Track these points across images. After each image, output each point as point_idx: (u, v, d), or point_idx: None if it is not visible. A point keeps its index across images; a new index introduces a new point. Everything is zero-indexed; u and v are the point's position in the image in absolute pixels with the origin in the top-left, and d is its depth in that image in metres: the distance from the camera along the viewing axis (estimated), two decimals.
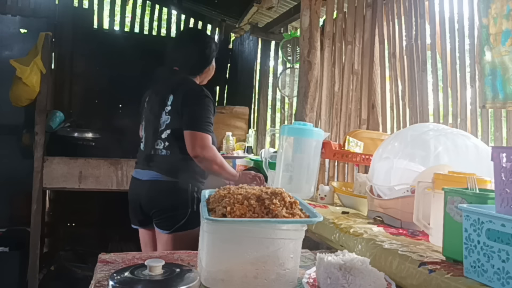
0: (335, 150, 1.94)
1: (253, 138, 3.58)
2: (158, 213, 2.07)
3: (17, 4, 3.70)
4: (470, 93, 1.84)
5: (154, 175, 2.06)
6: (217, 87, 5.32)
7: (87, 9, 4.71)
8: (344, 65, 2.67)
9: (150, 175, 2.07)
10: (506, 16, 1.59)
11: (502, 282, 0.79)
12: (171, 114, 2.05)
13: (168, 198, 2.03)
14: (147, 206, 2.09)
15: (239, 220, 0.94)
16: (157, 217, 2.09)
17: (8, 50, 3.86)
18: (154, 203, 2.06)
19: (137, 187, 2.11)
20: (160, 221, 2.08)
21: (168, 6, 5.15)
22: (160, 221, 2.08)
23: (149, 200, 2.06)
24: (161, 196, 2.04)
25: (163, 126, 2.07)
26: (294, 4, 3.35)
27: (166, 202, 2.04)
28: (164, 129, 2.06)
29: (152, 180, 2.06)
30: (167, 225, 2.05)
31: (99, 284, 0.99)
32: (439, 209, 1.04)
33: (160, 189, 2.04)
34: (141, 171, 2.11)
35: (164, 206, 2.05)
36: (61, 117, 3.49)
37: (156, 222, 2.10)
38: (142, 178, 2.09)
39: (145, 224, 2.17)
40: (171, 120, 2.06)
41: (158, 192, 2.05)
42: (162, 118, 2.07)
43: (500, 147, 1.12)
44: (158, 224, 2.09)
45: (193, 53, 2.22)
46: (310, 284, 0.97)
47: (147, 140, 2.10)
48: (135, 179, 2.14)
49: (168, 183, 2.04)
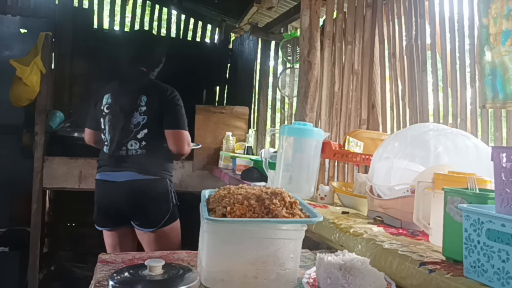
0: (335, 150, 1.94)
1: (253, 138, 3.58)
2: (140, 213, 2.11)
3: (17, 4, 3.70)
4: (470, 93, 1.83)
5: (132, 175, 2.09)
6: (217, 87, 5.32)
7: (87, 9, 4.71)
8: (344, 65, 2.67)
9: (127, 176, 2.09)
10: (506, 16, 1.59)
11: (502, 282, 0.79)
12: (148, 114, 2.10)
13: (150, 196, 2.09)
14: (127, 207, 2.10)
15: (239, 220, 0.94)
16: (138, 217, 2.12)
17: (8, 50, 3.87)
18: (136, 203, 2.09)
19: (112, 190, 2.11)
20: (143, 220, 2.12)
21: (168, 6, 5.15)
22: (143, 220, 2.12)
23: (130, 201, 2.08)
24: (143, 195, 2.08)
25: (139, 126, 2.10)
26: (294, 4, 3.35)
27: (149, 201, 2.09)
28: (140, 129, 2.10)
29: (131, 181, 2.08)
30: (151, 223, 2.11)
31: (99, 284, 0.99)
32: (439, 209, 1.04)
33: (141, 188, 2.08)
34: (114, 173, 2.11)
35: (147, 205, 2.09)
36: (61, 117, 3.49)
37: (138, 222, 2.13)
38: (117, 180, 2.10)
39: (117, 226, 2.19)
40: (147, 120, 2.10)
41: (139, 191, 2.08)
42: (136, 119, 2.09)
43: (500, 147, 1.12)
44: (140, 224, 2.13)
45: (160, 54, 2.32)
46: (310, 284, 0.97)
47: (117, 141, 2.10)
48: (106, 182, 2.14)
49: (149, 181, 2.10)
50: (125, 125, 2.09)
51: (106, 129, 2.16)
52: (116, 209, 2.13)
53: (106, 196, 2.14)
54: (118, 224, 2.19)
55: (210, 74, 5.07)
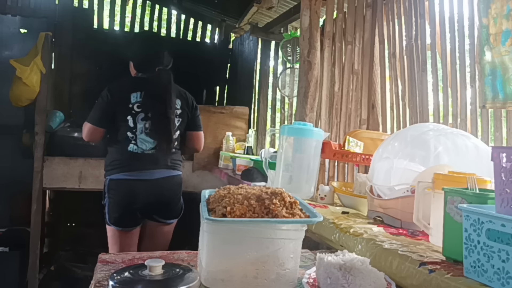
0: (335, 150, 1.94)
1: (253, 138, 3.57)
2: (171, 205, 2.30)
3: (17, 4, 3.69)
4: (470, 93, 1.83)
5: (167, 172, 2.27)
6: (217, 87, 5.32)
7: (87, 9, 4.70)
8: (344, 65, 2.67)
9: (162, 173, 2.25)
10: (506, 16, 1.59)
11: (502, 282, 0.79)
12: (182, 117, 2.31)
13: (179, 189, 2.35)
14: (161, 203, 2.25)
15: (239, 220, 0.94)
16: (167, 210, 2.30)
17: (8, 50, 3.86)
18: (170, 198, 2.29)
19: (146, 187, 2.20)
20: (171, 212, 2.32)
21: (168, 6, 5.15)
22: (171, 212, 2.32)
23: (163, 196, 2.25)
24: (175, 189, 2.31)
25: (174, 127, 2.25)
26: (294, 4, 3.35)
27: (178, 194, 2.34)
28: (176, 129, 2.27)
29: (166, 177, 2.26)
30: (177, 213, 2.34)
31: (99, 284, 0.99)
32: (439, 209, 1.04)
33: (173, 183, 2.30)
34: (149, 172, 2.21)
35: (177, 197, 2.34)
36: (61, 117, 3.48)
37: (166, 215, 2.30)
38: (152, 178, 2.21)
39: (137, 224, 2.28)
40: (181, 122, 2.31)
41: (171, 186, 2.29)
42: (173, 121, 2.23)
43: (500, 147, 1.12)
44: (168, 216, 2.31)
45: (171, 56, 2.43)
46: (310, 284, 0.97)
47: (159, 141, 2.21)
48: (138, 181, 2.20)
49: (177, 177, 2.34)
50: (167, 126, 2.20)
51: (137, 128, 2.19)
52: (146, 206, 2.22)
53: (138, 195, 2.20)
54: (139, 222, 2.27)
55: (210, 74, 5.07)
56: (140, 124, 2.18)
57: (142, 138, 2.19)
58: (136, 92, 2.19)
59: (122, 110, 2.18)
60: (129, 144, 2.19)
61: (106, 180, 2.23)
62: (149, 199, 2.20)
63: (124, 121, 2.17)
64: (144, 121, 2.19)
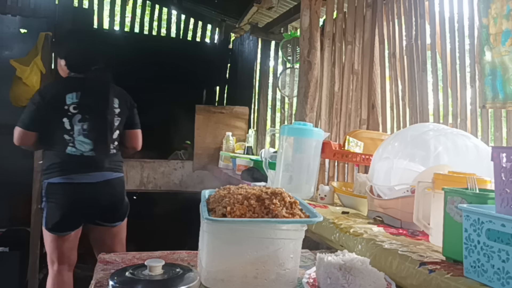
0: (335, 150, 1.94)
1: (253, 138, 3.58)
2: (114, 208, 2.27)
3: (17, 4, 3.69)
4: (470, 93, 1.83)
5: (110, 175, 2.22)
6: (217, 87, 5.33)
7: (87, 9, 4.71)
8: (344, 65, 2.67)
9: (106, 176, 2.21)
10: (506, 16, 1.59)
11: (502, 282, 0.79)
12: (120, 116, 2.27)
13: (122, 191, 2.30)
14: (103, 205, 2.21)
15: (239, 220, 0.94)
16: (111, 213, 2.27)
17: (8, 50, 3.86)
18: (112, 201, 2.25)
19: (89, 191, 2.15)
20: (116, 215, 2.28)
21: (168, 6, 5.15)
22: (116, 215, 2.28)
23: (108, 199, 2.22)
24: (119, 191, 2.28)
25: (113, 127, 2.23)
26: (294, 4, 3.35)
27: (121, 196, 2.30)
28: (115, 129, 2.24)
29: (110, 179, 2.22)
30: (122, 216, 2.32)
31: (99, 284, 0.99)
32: (439, 209, 1.04)
33: (116, 185, 2.26)
34: (92, 175, 2.16)
35: (120, 200, 2.30)
36: None
37: (111, 218, 2.27)
38: (96, 180, 2.17)
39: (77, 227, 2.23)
40: (120, 122, 2.27)
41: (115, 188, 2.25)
42: (111, 120, 2.21)
43: (500, 147, 1.12)
44: (113, 219, 2.28)
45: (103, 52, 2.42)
46: (310, 284, 0.97)
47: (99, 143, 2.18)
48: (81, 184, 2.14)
49: (121, 179, 2.30)
50: (104, 126, 2.18)
51: (75, 130, 2.13)
52: (88, 210, 2.20)
53: (79, 199, 2.15)
54: (79, 225, 2.23)
55: (210, 74, 5.07)
56: (77, 126, 2.12)
57: (80, 140, 2.13)
58: (72, 93, 2.13)
59: (57, 113, 2.11)
60: (67, 147, 2.13)
61: (44, 183, 2.16)
62: (91, 203, 2.15)
63: (60, 123, 2.11)
64: (82, 123, 2.13)
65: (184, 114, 3.88)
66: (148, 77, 4.46)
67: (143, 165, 3.62)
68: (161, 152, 4.05)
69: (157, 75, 4.52)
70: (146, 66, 4.50)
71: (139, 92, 4.49)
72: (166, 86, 4.58)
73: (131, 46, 4.66)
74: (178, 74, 4.64)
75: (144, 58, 4.50)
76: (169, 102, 4.47)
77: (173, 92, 4.53)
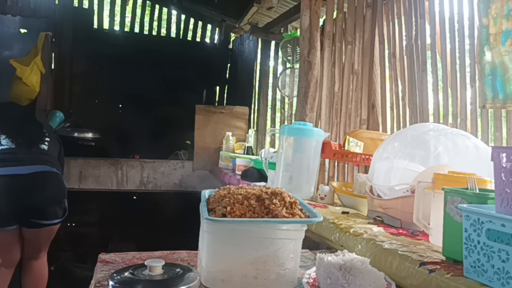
0: (335, 150, 1.94)
1: (253, 138, 3.58)
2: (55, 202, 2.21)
3: (17, 4, 3.70)
4: (470, 93, 1.83)
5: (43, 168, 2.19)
6: (217, 87, 5.33)
7: (87, 9, 4.71)
8: (344, 65, 2.67)
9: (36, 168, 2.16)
10: (506, 16, 1.59)
11: (502, 282, 0.79)
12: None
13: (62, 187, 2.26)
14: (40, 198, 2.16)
15: (239, 220, 0.94)
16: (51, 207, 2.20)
17: (8, 50, 3.86)
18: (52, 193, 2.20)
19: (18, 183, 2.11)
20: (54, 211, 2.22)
21: (168, 6, 5.15)
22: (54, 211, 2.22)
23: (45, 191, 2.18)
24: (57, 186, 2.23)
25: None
26: (294, 4, 3.35)
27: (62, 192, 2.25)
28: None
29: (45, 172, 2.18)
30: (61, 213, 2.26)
31: (99, 284, 0.99)
32: (439, 209, 1.04)
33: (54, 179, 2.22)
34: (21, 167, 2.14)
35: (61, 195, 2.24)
36: (61, 117, 3.49)
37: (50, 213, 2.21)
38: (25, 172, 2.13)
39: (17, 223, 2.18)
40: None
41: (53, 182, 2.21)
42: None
43: (500, 147, 1.12)
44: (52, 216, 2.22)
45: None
46: (310, 284, 0.97)
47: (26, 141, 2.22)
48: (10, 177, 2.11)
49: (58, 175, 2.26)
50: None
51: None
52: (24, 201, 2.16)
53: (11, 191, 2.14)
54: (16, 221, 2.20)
55: (210, 74, 5.07)
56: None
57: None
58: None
59: None
60: None
61: None
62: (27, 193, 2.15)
63: None
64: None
65: (184, 114, 3.89)
66: (148, 77, 4.47)
67: (143, 165, 3.62)
68: (161, 152, 4.05)
69: (157, 75, 4.52)
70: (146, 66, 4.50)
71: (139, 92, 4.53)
72: (166, 86, 4.58)
73: (131, 46, 4.66)
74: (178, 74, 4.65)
75: (144, 58, 4.51)
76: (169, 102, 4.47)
77: (173, 92, 4.54)
